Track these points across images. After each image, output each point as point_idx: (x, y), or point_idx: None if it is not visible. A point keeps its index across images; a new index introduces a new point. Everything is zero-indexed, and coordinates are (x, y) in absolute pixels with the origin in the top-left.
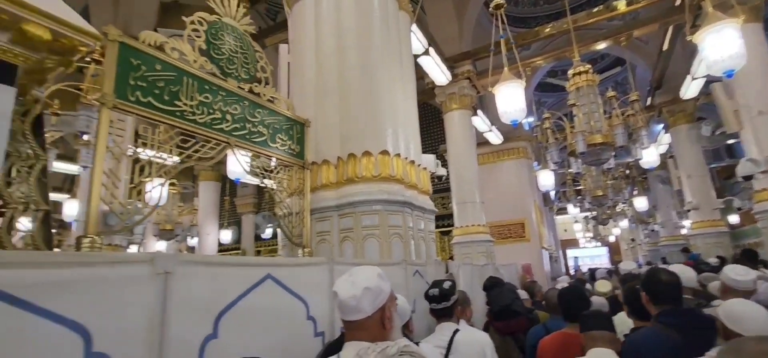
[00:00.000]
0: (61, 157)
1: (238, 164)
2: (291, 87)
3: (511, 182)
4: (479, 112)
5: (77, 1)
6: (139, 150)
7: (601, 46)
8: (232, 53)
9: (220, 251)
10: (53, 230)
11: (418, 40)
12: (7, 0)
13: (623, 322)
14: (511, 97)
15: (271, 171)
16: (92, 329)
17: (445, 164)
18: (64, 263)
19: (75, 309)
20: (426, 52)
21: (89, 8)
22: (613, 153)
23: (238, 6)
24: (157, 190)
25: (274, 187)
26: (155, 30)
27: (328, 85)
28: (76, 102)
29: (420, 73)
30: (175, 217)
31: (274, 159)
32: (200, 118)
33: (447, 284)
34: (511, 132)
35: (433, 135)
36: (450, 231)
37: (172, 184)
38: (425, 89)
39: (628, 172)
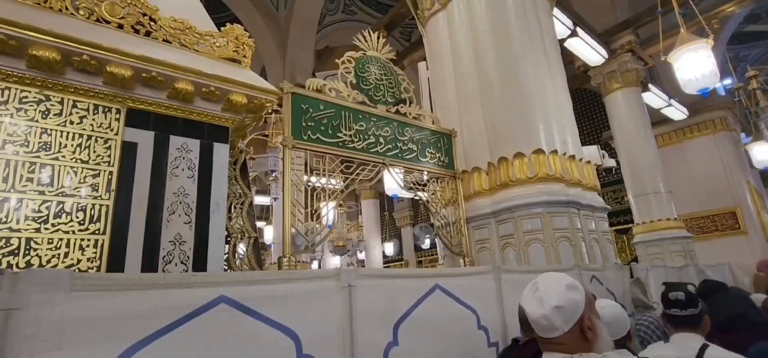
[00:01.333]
0: (258, 192)
1: (393, 181)
2: (433, 101)
3: (708, 163)
4: (651, 86)
5: (257, 64)
6: (313, 179)
7: None
8: (378, 81)
9: (384, 263)
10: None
11: (562, 23)
12: (219, 79)
13: None
14: (694, 62)
15: (424, 184)
16: (300, 334)
17: (612, 154)
18: (276, 279)
19: (287, 317)
20: (573, 34)
21: (265, 67)
22: None
23: (378, 38)
24: (330, 212)
25: (428, 198)
26: (314, 74)
27: (470, 92)
28: (265, 146)
29: (569, 58)
30: (345, 234)
31: (425, 172)
32: (358, 145)
33: (691, 287)
34: (699, 103)
35: (593, 123)
36: (628, 229)
37: (339, 205)
38: (576, 74)
39: None
